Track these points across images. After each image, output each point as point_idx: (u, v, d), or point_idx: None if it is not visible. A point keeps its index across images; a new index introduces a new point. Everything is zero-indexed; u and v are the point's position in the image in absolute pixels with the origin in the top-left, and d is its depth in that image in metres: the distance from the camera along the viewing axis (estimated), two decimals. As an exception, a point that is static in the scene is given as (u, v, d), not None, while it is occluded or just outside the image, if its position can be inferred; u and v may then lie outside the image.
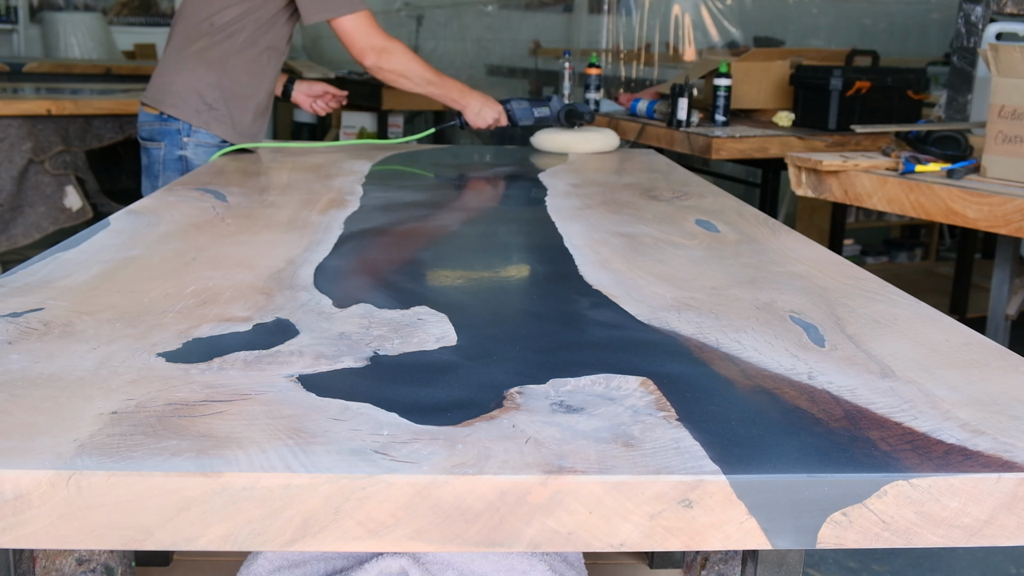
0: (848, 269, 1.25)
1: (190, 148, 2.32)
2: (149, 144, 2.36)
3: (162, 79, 2.37)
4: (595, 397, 0.79)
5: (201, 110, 2.31)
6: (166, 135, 2.33)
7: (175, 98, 2.32)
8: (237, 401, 0.76)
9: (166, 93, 2.34)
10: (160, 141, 2.34)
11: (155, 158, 2.35)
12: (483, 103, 2.43)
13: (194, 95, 2.31)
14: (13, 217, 3.40)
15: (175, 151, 2.32)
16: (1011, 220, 2.11)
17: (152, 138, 2.36)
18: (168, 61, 2.38)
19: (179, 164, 2.33)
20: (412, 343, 0.92)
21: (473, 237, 1.48)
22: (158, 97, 2.35)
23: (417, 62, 2.34)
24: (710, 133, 3.15)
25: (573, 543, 0.66)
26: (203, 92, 2.31)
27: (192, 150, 2.32)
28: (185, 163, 2.32)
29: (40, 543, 0.64)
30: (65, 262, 1.19)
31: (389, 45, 2.30)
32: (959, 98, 3.09)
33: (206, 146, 2.32)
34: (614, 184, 1.94)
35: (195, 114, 2.31)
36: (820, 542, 0.67)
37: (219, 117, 2.33)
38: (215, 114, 2.32)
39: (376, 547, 0.65)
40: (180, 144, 2.32)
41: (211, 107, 2.31)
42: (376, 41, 2.29)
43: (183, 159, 2.33)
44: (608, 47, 5.26)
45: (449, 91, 2.41)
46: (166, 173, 2.33)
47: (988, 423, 0.75)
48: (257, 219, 1.50)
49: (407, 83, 2.34)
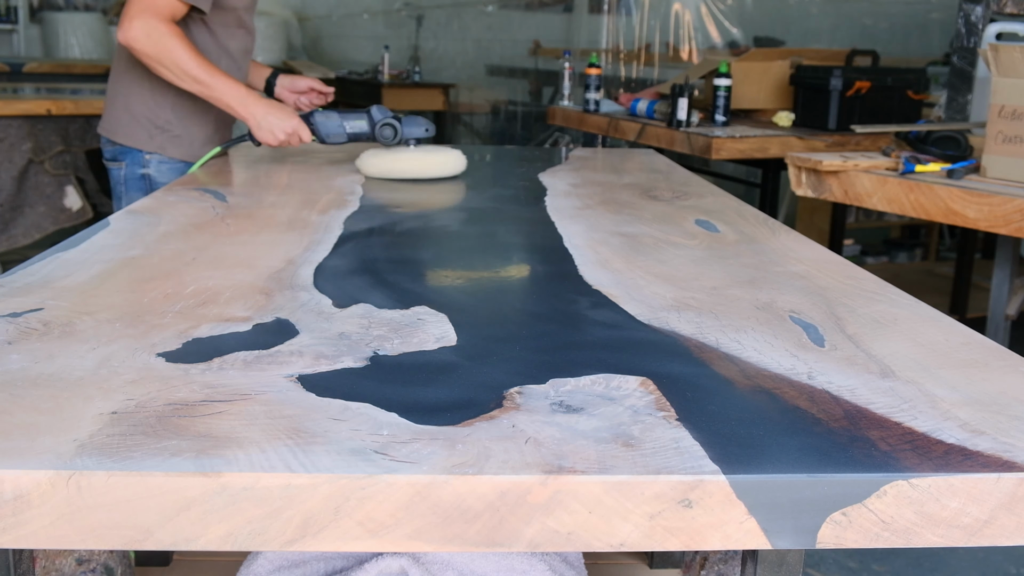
0: (848, 269, 1.25)
1: (152, 166, 2.22)
2: (111, 164, 2.27)
3: (111, 107, 2.26)
4: (595, 397, 0.79)
5: (154, 134, 2.20)
6: (127, 154, 2.23)
7: (126, 127, 2.21)
8: (237, 401, 0.76)
9: (117, 123, 2.23)
10: (122, 161, 2.25)
11: (118, 178, 2.26)
12: (273, 114, 2.03)
13: (144, 119, 2.20)
14: (13, 217, 3.40)
15: (137, 170, 2.23)
16: (1011, 220, 2.11)
17: (114, 158, 2.27)
18: (115, 86, 2.25)
19: (142, 183, 2.23)
20: (412, 343, 0.92)
21: (473, 237, 1.48)
22: (110, 127, 2.25)
23: (183, 53, 1.97)
24: (710, 133, 3.16)
25: (573, 543, 0.66)
26: (153, 115, 2.20)
27: (155, 168, 2.22)
28: (149, 182, 2.23)
29: (40, 543, 0.64)
30: (65, 262, 1.19)
31: (153, 24, 1.95)
32: (959, 98, 3.09)
33: (169, 162, 2.22)
34: (614, 184, 1.94)
35: (148, 139, 2.20)
36: (820, 542, 0.67)
37: (174, 138, 2.21)
38: (169, 136, 2.20)
39: (376, 547, 0.65)
40: (142, 162, 2.23)
41: (164, 129, 2.20)
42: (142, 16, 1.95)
43: (146, 178, 2.23)
44: (608, 47, 5.26)
45: (223, 96, 2.02)
46: (129, 194, 2.24)
47: (988, 423, 0.75)
48: (257, 219, 1.50)
49: (166, 73, 2.00)
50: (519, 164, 2.27)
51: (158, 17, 1.95)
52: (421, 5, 7.21)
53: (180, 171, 2.22)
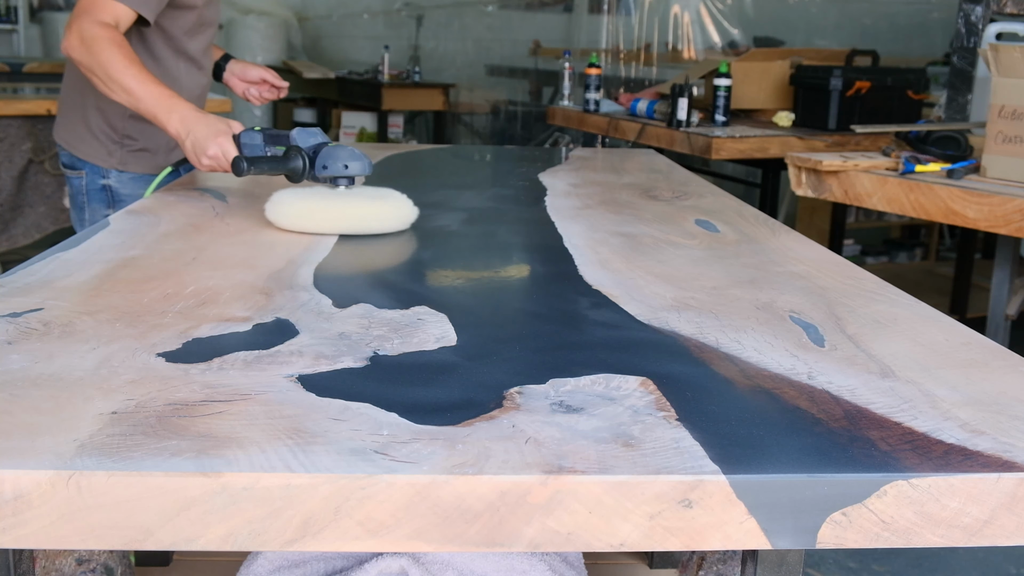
0: (848, 269, 1.25)
1: (113, 177, 2.03)
2: (70, 173, 2.07)
3: (66, 117, 2.06)
4: (595, 397, 0.79)
5: (112, 149, 2.01)
6: (86, 163, 2.04)
7: (85, 143, 2.02)
8: (237, 401, 0.76)
9: (73, 134, 2.04)
10: (80, 169, 2.04)
11: (78, 188, 2.06)
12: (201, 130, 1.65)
13: (99, 133, 2.01)
14: (13, 217, 3.40)
15: (98, 180, 2.04)
16: (1011, 220, 2.11)
17: (73, 166, 2.06)
18: (65, 98, 2.07)
19: (103, 195, 2.04)
20: (412, 343, 0.92)
21: (473, 237, 1.48)
22: (67, 139, 2.05)
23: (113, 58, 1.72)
24: (710, 133, 3.15)
25: (573, 543, 0.66)
26: (107, 127, 2.01)
27: (116, 178, 2.04)
28: (110, 193, 2.04)
29: (40, 543, 0.64)
30: (65, 262, 1.19)
31: (89, 30, 1.73)
32: (959, 98, 3.09)
33: (131, 173, 2.04)
34: (614, 184, 1.94)
35: (107, 156, 2.01)
36: (820, 542, 0.67)
37: (135, 153, 2.03)
38: (129, 148, 2.02)
39: (376, 547, 0.65)
40: (103, 173, 2.03)
41: (122, 143, 2.01)
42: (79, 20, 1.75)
43: (107, 189, 2.04)
44: (608, 47, 5.26)
45: (151, 107, 1.70)
46: (91, 205, 2.05)
47: (988, 423, 0.75)
48: (257, 219, 1.50)
49: (96, 82, 1.76)
50: (519, 164, 2.27)
51: (97, 23, 1.74)
52: (421, 5, 7.20)
53: (143, 181, 2.03)
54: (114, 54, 1.72)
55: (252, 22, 7.55)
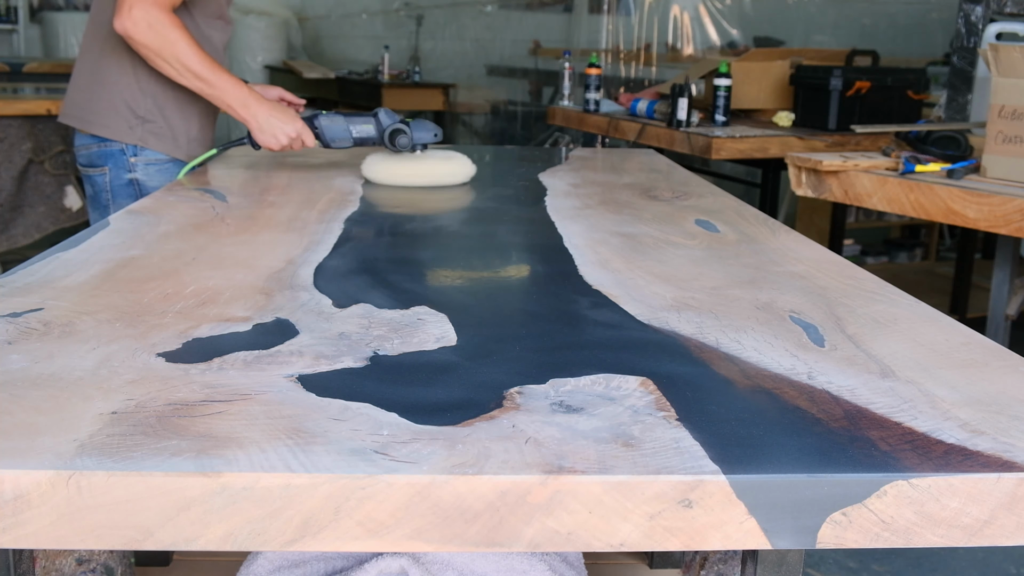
0: (848, 269, 1.25)
1: (140, 169, 2.01)
2: (91, 171, 2.04)
3: (81, 93, 2.04)
4: (595, 397, 0.79)
5: (134, 125, 2.00)
6: (109, 158, 2.01)
7: (101, 115, 2.00)
8: (237, 401, 0.76)
9: (89, 110, 2.02)
10: (103, 166, 2.02)
11: (101, 186, 2.03)
12: (276, 117, 1.92)
13: (122, 107, 2.00)
14: (13, 217, 3.41)
15: (123, 175, 2.01)
16: (1011, 220, 2.11)
17: (92, 163, 2.03)
18: (84, 70, 2.04)
19: (130, 190, 2.02)
20: (412, 343, 0.92)
21: (473, 237, 1.48)
22: (81, 116, 2.03)
23: (186, 47, 1.85)
24: (710, 133, 3.16)
25: (573, 543, 0.66)
26: (132, 102, 2.00)
27: (143, 171, 2.01)
28: (138, 187, 2.02)
29: (40, 543, 0.64)
30: (65, 262, 1.19)
31: (155, 15, 1.82)
32: (959, 98, 3.09)
33: (158, 164, 2.02)
34: (614, 184, 1.94)
35: (128, 130, 2.00)
36: (820, 542, 0.67)
37: (157, 130, 2.02)
38: (152, 127, 2.01)
39: (376, 547, 0.65)
40: (127, 166, 2.01)
41: (144, 119, 2.01)
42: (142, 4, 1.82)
43: (134, 183, 2.02)
44: (608, 47, 5.27)
45: (225, 95, 1.90)
46: (117, 202, 2.01)
47: (988, 423, 0.75)
48: (257, 219, 1.50)
49: (165, 67, 1.87)
50: (519, 164, 2.27)
51: (159, 7, 1.83)
52: (421, 5, 7.21)
53: (170, 172, 2.04)
54: (186, 42, 1.86)
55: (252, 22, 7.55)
